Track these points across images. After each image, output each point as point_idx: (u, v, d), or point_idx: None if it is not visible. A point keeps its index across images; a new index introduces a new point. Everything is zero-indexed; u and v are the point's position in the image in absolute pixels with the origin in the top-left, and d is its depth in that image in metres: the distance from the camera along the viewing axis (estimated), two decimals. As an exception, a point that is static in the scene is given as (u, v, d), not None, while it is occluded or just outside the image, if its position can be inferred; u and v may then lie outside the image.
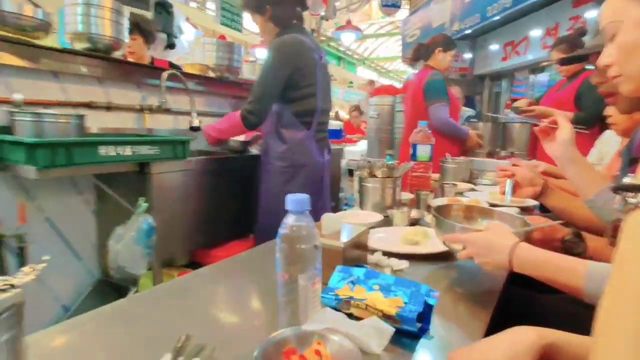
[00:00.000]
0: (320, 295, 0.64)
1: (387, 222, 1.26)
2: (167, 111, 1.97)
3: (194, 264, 1.93)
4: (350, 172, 3.53)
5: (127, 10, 1.79)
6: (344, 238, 0.80)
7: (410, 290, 0.67)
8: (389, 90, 4.07)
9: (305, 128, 1.73)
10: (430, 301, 0.64)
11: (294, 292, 0.60)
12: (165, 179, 1.60)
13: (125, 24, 1.70)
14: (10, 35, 1.37)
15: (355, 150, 3.98)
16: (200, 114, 2.05)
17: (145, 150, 1.43)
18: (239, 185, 1.97)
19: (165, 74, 1.80)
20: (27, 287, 0.44)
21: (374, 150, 3.88)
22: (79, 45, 1.59)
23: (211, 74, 2.23)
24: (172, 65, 2.38)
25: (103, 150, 1.28)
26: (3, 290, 0.40)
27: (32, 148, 1.15)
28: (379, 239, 1.03)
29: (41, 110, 1.39)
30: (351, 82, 14.80)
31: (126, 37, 1.72)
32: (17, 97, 1.33)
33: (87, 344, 0.62)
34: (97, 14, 1.57)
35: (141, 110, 1.87)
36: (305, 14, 1.90)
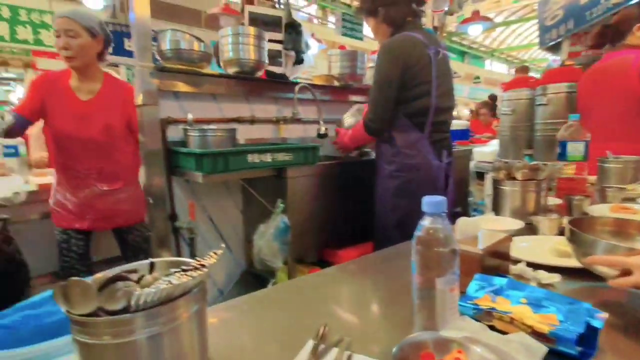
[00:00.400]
0: (457, 302, 0.62)
1: (529, 229, 1.13)
2: (298, 121, 2.16)
3: (322, 262, 2.06)
4: (480, 175, 3.24)
5: (266, 34, 2.04)
6: (483, 244, 0.76)
7: (567, 308, 0.59)
8: (526, 81, 3.59)
9: (418, 129, 1.66)
10: (595, 323, 0.55)
11: (430, 296, 0.60)
12: (298, 183, 1.76)
13: (266, 46, 1.94)
14: (184, 67, 1.72)
15: (485, 151, 3.64)
16: (327, 121, 2.19)
17: (282, 156, 1.61)
18: (361, 188, 2.03)
19: (297, 88, 1.98)
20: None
21: (507, 151, 3.48)
22: (231, 70, 1.89)
23: (336, 83, 2.36)
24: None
25: (250, 158, 1.49)
26: (197, 269, 0.51)
27: (200, 157, 1.42)
28: (522, 248, 0.94)
29: (204, 126, 1.69)
30: (477, 77, 13.62)
31: (266, 58, 1.95)
32: (189, 117, 1.65)
33: (243, 323, 0.73)
34: (244, 41, 1.84)
35: (277, 121, 2.11)
36: (427, 12, 1.83)
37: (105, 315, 0.46)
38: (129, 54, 7.03)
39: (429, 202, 0.60)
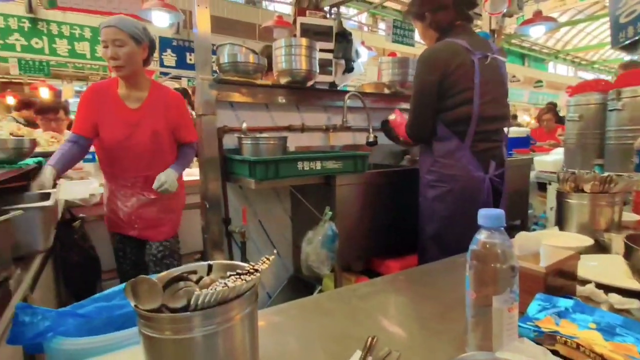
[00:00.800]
0: (517, 323, 0.58)
1: (598, 248, 1.03)
2: (348, 129, 2.17)
3: (369, 272, 2.04)
4: (542, 186, 3.02)
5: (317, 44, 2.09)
6: (546, 262, 0.70)
7: (647, 338, 0.53)
8: (597, 85, 3.28)
9: (458, 138, 1.58)
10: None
11: (485, 315, 0.57)
12: (346, 191, 1.77)
13: (317, 56, 1.98)
14: (240, 79, 1.80)
15: (547, 161, 3.38)
16: (376, 129, 2.18)
17: (331, 164, 1.62)
18: (409, 197, 1.99)
19: (347, 96, 1.99)
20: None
21: (574, 160, 3.20)
22: (283, 80, 1.95)
23: (386, 91, 2.34)
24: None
25: (300, 165, 1.52)
26: (251, 273, 0.53)
27: (253, 164, 1.48)
28: (591, 268, 0.86)
29: (257, 134, 1.76)
30: (539, 81, 12.75)
31: (317, 68, 1.99)
32: (244, 126, 1.73)
33: (291, 328, 0.74)
34: (296, 52, 1.89)
35: (327, 129, 2.13)
36: (483, 14, 1.76)
37: (168, 312, 0.49)
38: (191, 67, 7.53)
39: (485, 215, 0.57)
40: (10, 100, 7.27)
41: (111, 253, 2.04)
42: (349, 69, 3.25)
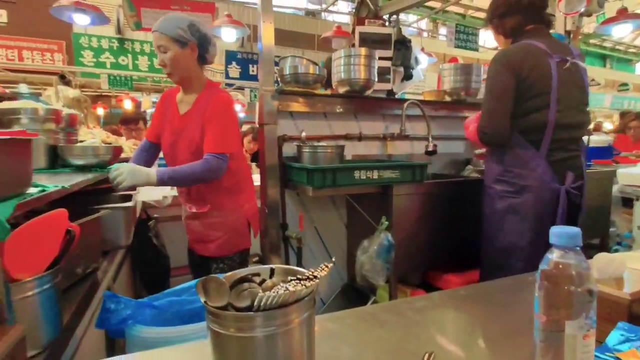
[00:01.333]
0: (593, 353, 0.53)
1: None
2: (406, 137, 2.14)
3: (426, 285, 1.97)
4: (627, 202, 2.69)
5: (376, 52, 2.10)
6: (631, 287, 0.63)
7: None
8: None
9: (533, 147, 1.47)
10: None
11: (557, 340, 0.53)
12: (404, 201, 1.74)
13: (375, 65, 1.99)
14: (300, 89, 1.87)
15: (634, 173, 3.01)
16: (437, 137, 2.12)
17: (388, 174, 1.61)
18: (470, 209, 1.89)
19: (405, 105, 1.97)
20: (322, 280, 0.59)
21: (668, 173, 2.82)
22: (342, 89, 1.98)
23: (447, 98, 2.27)
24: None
25: (357, 174, 1.53)
26: (310, 279, 0.55)
27: (311, 172, 1.52)
28: (688, 298, 0.75)
29: (316, 143, 1.81)
30: (624, 84, 11.45)
31: (375, 76, 2.00)
32: (303, 134, 1.79)
33: (346, 336, 0.75)
34: (355, 62, 1.92)
35: (384, 138, 2.12)
36: (558, 15, 1.64)
37: (233, 311, 0.53)
38: (253, 78, 7.92)
39: (558, 233, 0.53)
40: (100, 111, 8.24)
41: (180, 252, 2.21)
42: (407, 77, 3.21)
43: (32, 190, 0.76)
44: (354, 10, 5.29)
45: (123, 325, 0.81)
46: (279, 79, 1.99)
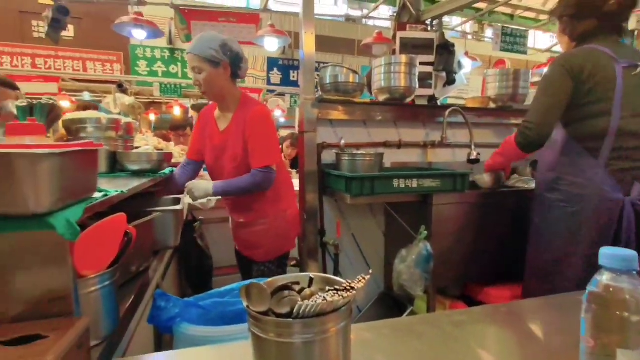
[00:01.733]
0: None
1: None
2: (447, 145, 2.09)
3: (465, 297, 1.91)
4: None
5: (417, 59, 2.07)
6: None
7: None
8: None
9: (591, 155, 1.38)
10: None
11: (605, 367, 0.50)
12: (444, 210, 1.70)
13: (416, 72, 1.97)
14: (340, 98, 1.90)
15: None
16: (481, 145, 2.05)
17: (428, 182, 1.58)
18: (514, 221, 1.81)
19: (447, 112, 1.93)
20: (359, 291, 0.60)
21: None
22: (381, 97, 1.98)
23: (492, 105, 2.19)
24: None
25: (396, 183, 1.52)
26: (348, 290, 0.57)
27: (350, 180, 1.53)
28: None
29: (354, 150, 1.82)
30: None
31: (416, 83, 1.98)
32: (342, 142, 1.81)
33: (382, 347, 0.75)
34: (395, 69, 1.91)
35: (424, 145, 2.09)
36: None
37: (274, 316, 0.56)
38: (294, 84, 8.08)
39: (611, 255, 0.51)
40: (152, 117, 8.80)
41: (223, 253, 2.32)
42: (450, 82, 3.13)
43: (96, 195, 0.84)
44: (395, 15, 5.24)
45: (171, 323, 0.87)
46: (319, 87, 2.03)
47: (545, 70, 1.51)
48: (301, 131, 1.85)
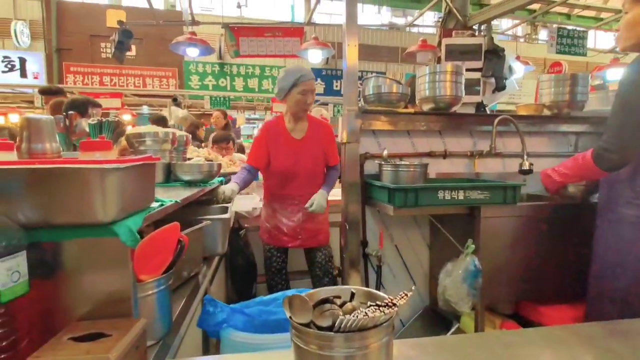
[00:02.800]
0: None
1: None
2: (497, 155, 2.00)
3: (517, 316, 1.80)
4: None
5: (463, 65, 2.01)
6: None
7: None
8: None
9: None
10: None
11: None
12: (493, 223, 1.62)
13: (462, 80, 1.91)
14: (383, 108, 1.89)
15: None
16: (533, 155, 1.94)
17: (476, 195, 1.52)
18: (573, 237, 1.68)
19: (496, 120, 1.85)
20: (401, 307, 0.59)
21: None
22: (426, 107, 1.95)
23: (546, 112, 2.06)
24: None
25: (441, 195, 1.48)
26: (390, 307, 0.57)
27: (393, 192, 1.52)
28: None
29: (398, 161, 1.80)
30: None
31: (463, 92, 1.91)
32: (385, 152, 1.80)
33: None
34: (440, 78, 1.87)
35: (472, 155, 2.01)
36: None
37: (315, 329, 0.57)
38: (337, 93, 8.16)
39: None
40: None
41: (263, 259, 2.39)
42: (499, 87, 3.00)
43: (154, 204, 0.91)
44: (440, 21, 5.13)
45: (218, 328, 0.91)
46: (361, 99, 2.03)
47: (623, 75, 1.33)
48: (343, 142, 1.86)
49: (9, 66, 8.17)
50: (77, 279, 0.70)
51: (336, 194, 2.25)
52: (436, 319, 1.92)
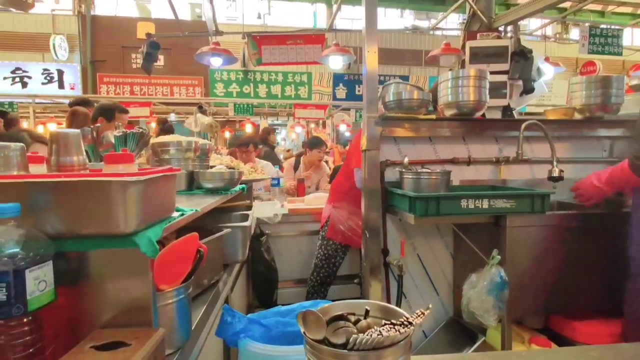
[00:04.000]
0: None
1: None
2: (524, 161, 1.92)
3: (548, 330, 1.71)
4: None
5: (488, 69, 1.95)
6: None
7: None
8: None
9: None
10: None
11: None
12: (520, 233, 1.56)
13: (487, 85, 1.85)
14: (404, 115, 1.86)
15: None
16: (563, 161, 1.85)
17: (501, 203, 1.47)
18: (607, 247, 1.59)
19: (523, 125, 1.78)
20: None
21: None
22: (449, 112, 1.90)
23: (577, 116, 1.97)
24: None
25: (464, 203, 1.44)
26: (406, 325, 0.55)
27: (414, 200, 1.48)
28: None
29: (419, 168, 1.76)
30: None
31: (487, 96, 1.86)
32: (405, 160, 1.76)
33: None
34: (463, 83, 1.82)
35: (497, 162, 1.94)
36: None
37: (329, 346, 0.56)
38: (359, 98, 8.16)
39: None
40: (227, 134, 9.48)
41: (288, 266, 2.44)
42: (527, 90, 2.90)
43: (174, 214, 0.93)
44: (464, 23, 5.02)
45: (236, 338, 0.91)
46: (382, 106, 2.01)
47: None
48: (363, 149, 1.85)
49: (48, 78, 8.65)
50: (99, 288, 0.72)
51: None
52: (461, 331, 1.85)
